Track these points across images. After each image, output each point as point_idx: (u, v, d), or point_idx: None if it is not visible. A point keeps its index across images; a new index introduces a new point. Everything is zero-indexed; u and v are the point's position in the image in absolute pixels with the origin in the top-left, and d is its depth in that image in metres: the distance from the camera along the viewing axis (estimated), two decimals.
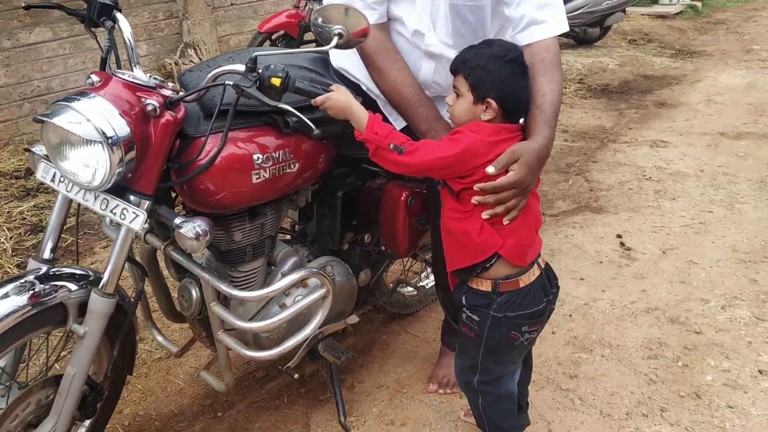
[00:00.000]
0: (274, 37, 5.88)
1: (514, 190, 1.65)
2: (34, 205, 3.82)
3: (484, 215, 1.67)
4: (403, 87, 1.88)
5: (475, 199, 1.66)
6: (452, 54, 1.82)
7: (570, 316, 2.80)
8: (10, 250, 3.37)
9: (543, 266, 1.81)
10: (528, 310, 1.76)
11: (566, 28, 1.87)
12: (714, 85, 6.56)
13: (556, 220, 3.73)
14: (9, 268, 3.21)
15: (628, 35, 8.84)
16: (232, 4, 6.13)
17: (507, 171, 1.65)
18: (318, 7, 1.70)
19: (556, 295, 1.84)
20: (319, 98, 1.68)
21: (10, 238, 3.48)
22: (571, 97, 6.25)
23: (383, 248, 2.37)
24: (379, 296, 2.59)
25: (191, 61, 5.44)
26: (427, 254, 2.61)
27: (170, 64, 5.33)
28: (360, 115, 1.67)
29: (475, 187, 1.66)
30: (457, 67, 1.72)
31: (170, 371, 2.55)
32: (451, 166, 1.65)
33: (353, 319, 2.28)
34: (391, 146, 1.64)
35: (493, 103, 1.68)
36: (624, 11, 8.00)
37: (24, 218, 3.69)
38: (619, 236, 3.49)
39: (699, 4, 10.69)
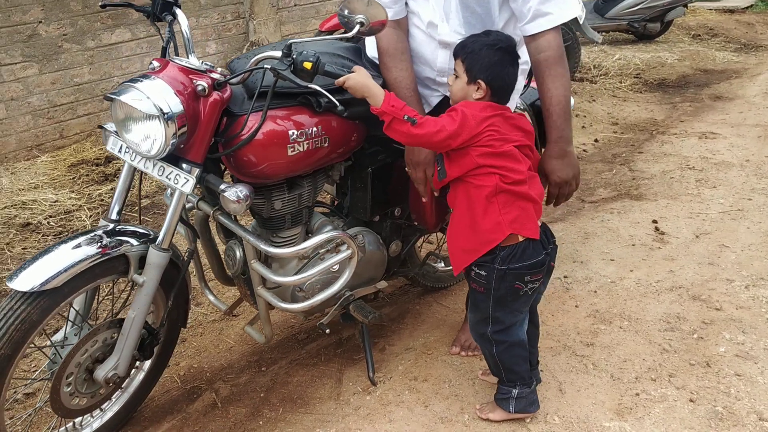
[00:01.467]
0: (334, 35, 6.17)
1: (568, 187, 2.10)
2: (111, 189, 4.22)
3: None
4: (400, 87, 2.14)
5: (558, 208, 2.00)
6: None
7: (595, 292, 2.94)
8: (89, 228, 3.76)
9: (540, 224, 2.03)
10: (528, 262, 1.98)
11: (573, 14, 2.07)
12: None
13: (595, 207, 3.85)
14: None
15: (692, 30, 8.73)
16: (295, 5, 6.46)
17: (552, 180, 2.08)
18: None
19: (554, 251, 2.07)
20: (341, 78, 1.91)
21: (90, 216, 3.87)
22: (625, 91, 6.29)
23: (414, 222, 2.59)
24: (411, 267, 2.80)
25: None
26: None
27: None
28: (376, 92, 1.90)
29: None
30: (457, 51, 2.01)
31: (222, 332, 2.84)
32: (451, 138, 1.89)
33: (382, 284, 2.51)
34: (405, 117, 1.88)
35: (483, 84, 1.96)
36: (685, 6, 7.92)
37: (102, 200, 4.09)
38: (654, 221, 3.59)
39: None
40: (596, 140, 5.01)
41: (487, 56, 1.94)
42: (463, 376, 2.44)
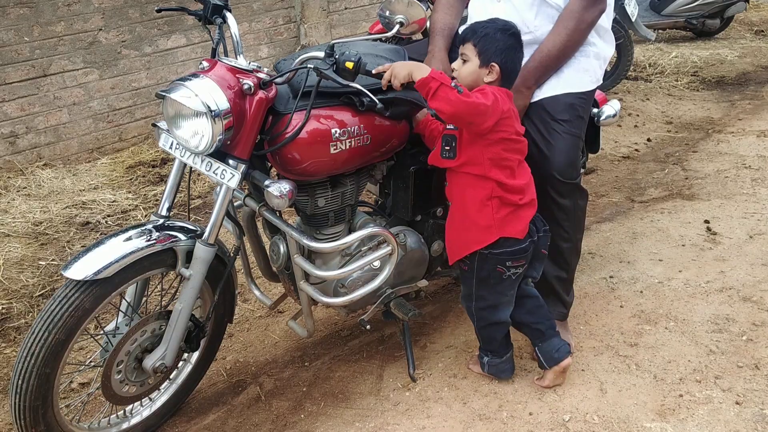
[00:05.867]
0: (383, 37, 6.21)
1: None
2: None
3: None
4: (434, 28, 2.37)
5: None
6: None
7: (641, 292, 2.89)
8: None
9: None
10: (509, 249, 2.11)
11: None
12: None
13: (645, 207, 3.79)
14: None
15: (755, 26, 8.45)
16: (346, 8, 6.54)
17: None
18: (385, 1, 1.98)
19: (544, 239, 2.20)
20: (382, 67, 1.95)
21: (145, 216, 4.01)
22: (681, 89, 6.14)
23: None
24: (454, 267, 2.81)
25: None
26: None
27: None
28: (421, 66, 1.95)
29: None
30: (467, 35, 2.04)
31: (268, 328, 2.91)
32: (483, 114, 1.93)
33: (423, 283, 2.53)
34: (453, 84, 1.93)
35: (496, 67, 2.01)
36: (747, 0, 7.65)
37: (157, 200, 4.23)
38: (706, 221, 3.50)
39: None
40: (649, 139, 4.92)
41: (502, 40, 1.99)
42: None
